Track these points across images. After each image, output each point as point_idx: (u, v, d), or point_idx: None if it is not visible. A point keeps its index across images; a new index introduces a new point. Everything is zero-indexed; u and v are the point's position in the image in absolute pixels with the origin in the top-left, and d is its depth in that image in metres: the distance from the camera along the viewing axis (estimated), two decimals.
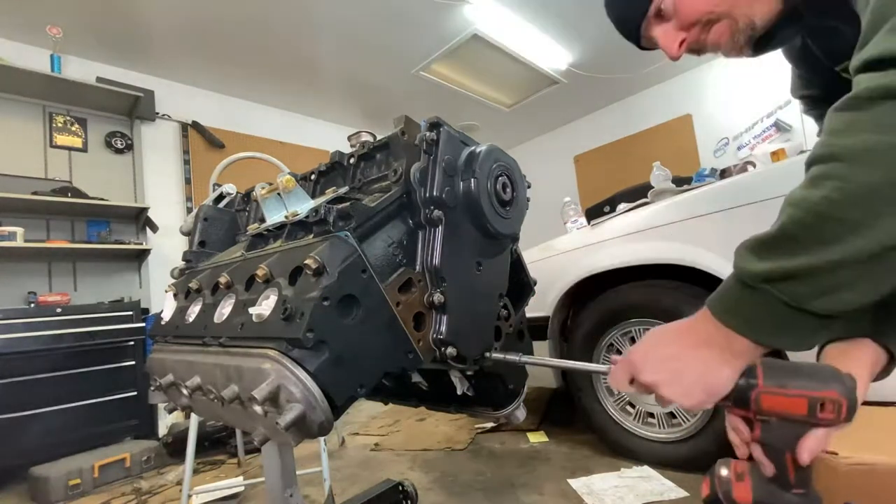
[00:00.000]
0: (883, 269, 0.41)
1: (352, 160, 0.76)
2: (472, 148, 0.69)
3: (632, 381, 0.56)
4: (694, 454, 1.50)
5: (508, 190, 0.70)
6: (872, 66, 0.43)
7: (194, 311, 0.71)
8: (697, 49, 0.78)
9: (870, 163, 0.40)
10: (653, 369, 0.53)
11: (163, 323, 0.77)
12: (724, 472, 0.57)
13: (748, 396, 0.51)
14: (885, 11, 0.44)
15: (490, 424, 2.31)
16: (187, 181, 3.63)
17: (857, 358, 0.55)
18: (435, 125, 0.64)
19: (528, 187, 0.77)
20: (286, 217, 0.65)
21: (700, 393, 0.51)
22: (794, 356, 0.82)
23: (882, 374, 0.58)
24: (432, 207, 0.63)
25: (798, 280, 0.43)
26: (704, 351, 0.50)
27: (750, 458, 0.54)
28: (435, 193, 0.62)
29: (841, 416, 0.48)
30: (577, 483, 1.55)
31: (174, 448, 2.41)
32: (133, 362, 2.58)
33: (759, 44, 0.73)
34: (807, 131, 3.70)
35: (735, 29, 0.71)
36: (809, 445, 0.48)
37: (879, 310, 0.55)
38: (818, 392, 0.48)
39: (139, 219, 3.17)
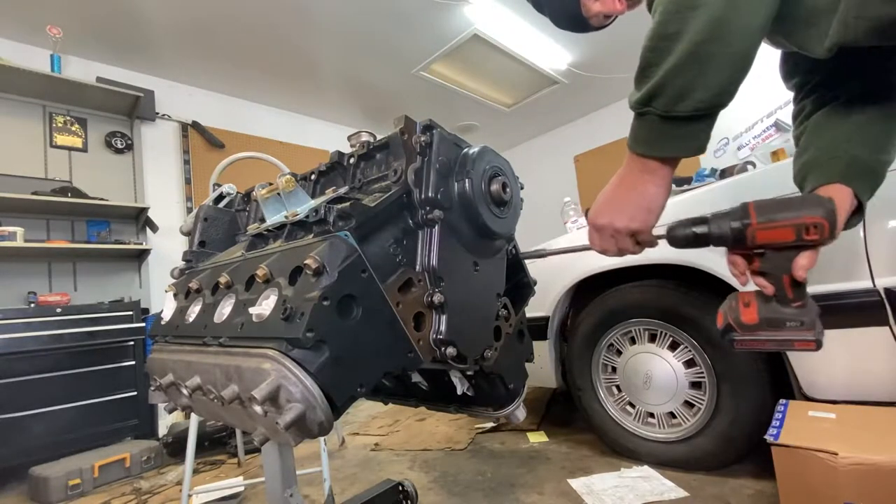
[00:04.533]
0: (705, 62, 0.53)
1: (352, 160, 0.76)
2: (465, 149, 0.69)
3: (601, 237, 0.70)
4: (694, 454, 1.50)
5: (502, 190, 0.71)
6: None
7: (194, 311, 0.71)
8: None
9: None
10: (603, 214, 0.67)
11: (163, 323, 0.77)
12: (734, 302, 0.67)
13: (744, 235, 0.60)
14: None
15: (490, 424, 2.31)
16: (187, 181, 3.63)
17: (834, 195, 0.65)
18: (428, 127, 0.65)
19: (522, 188, 0.78)
20: (286, 217, 0.66)
21: (642, 213, 0.64)
22: None
23: (853, 218, 0.69)
24: (428, 208, 0.63)
25: (660, 94, 0.55)
26: (631, 180, 0.64)
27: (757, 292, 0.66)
28: (430, 194, 0.63)
29: (825, 235, 0.56)
30: (577, 483, 1.55)
31: (174, 448, 2.41)
32: (133, 362, 2.58)
33: None
34: None
35: None
36: (802, 263, 0.59)
37: (850, 164, 0.67)
38: (802, 219, 0.56)
39: (139, 219, 3.17)
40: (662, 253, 1.51)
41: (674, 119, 0.56)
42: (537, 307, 1.82)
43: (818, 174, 0.69)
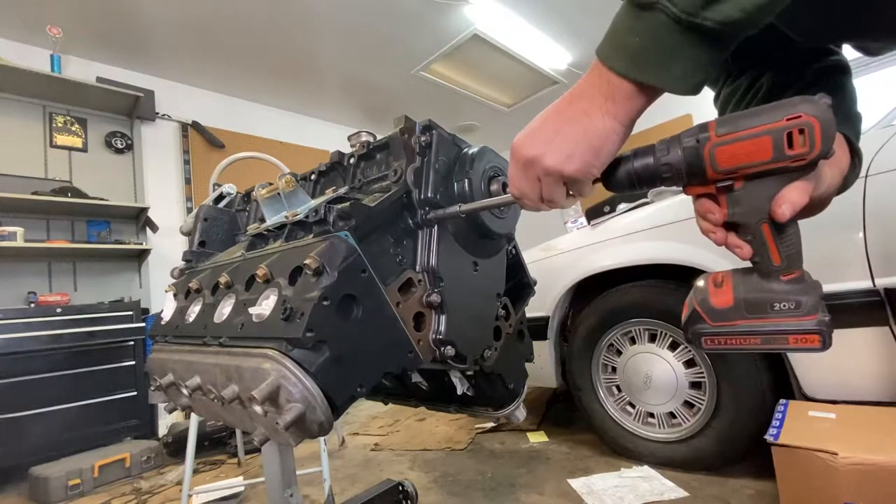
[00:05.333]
0: None
1: (352, 160, 0.76)
2: (465, 149, 0.69)
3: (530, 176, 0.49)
4: (694, 454, 1.50)
5: (502, 190, 0.70)
6: None
7: (194, 310, 0.71)
8: None
9: None
10: (533, 143, 0.47)
11: (163, 323, 0.77)
12: (700, 283, 0.51)
13: (701, 156, 0.41)
14: None
15: (490, 424, 2.32)
16: (187, 181, 3.63)
17: None
18: (427, 128, 0.65)
19: None
20: (286, 217, 0.65)
21: (585, 152, 0.45)
22: None
23: (851, 172, 0.55)
24: (427, 208, 0.63)
25: None
26: (584, 104, 0.45)
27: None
28: (429, 195, 0.63)
29: (815, 146, 0.38)
30: (577, 483, 1.55)
31: (174, 448, 2.41)
32: (133, 362, 2.58)
33: None
34: None
35: None
36: (789, 196, 0.41)
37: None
38: (780, 121, 0.38)
39: (139, 219, 3.17)
40: (661, 253, 1.51)
41: (692, 29, 0.38)
42: (537, 307, 1.82)
43: None
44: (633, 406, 1.67)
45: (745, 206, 0.43)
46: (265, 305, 0.55)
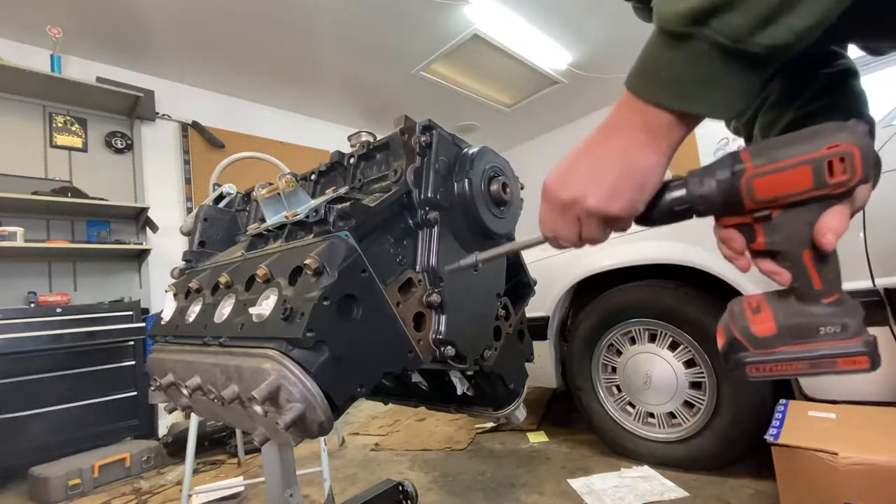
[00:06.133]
0: None
1: (352, 160, 0.77)
2: (465, 149, 0.69)
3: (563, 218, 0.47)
4: (694, 454, 1.50)
5: (502, 190, 0.71)
6: None
7: (194, 310, 0.71)
8: None
9: None
10: (572, 184, 0.45)
11: (163, 323, 0.77)
12: (737, 308, 0.48)
13: (737, 188, 0.40)
14: None
15: (490, 424, 2.31)
16: (187, 181, 3.63)
17: None
18: (427, 128, 0.65)
19: (522, 188, 0.78)
20: (286, 217, 0.66)
21: (630, 189, 0.43)
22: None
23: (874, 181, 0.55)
24: (427, 208, 0.63)
25: (736, 6, 0.34)
26: (621, 140, 0.43)
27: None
28: (430, 195, 0.63)
29: (857, 174, 0.37)
30: (577, 483, 1.55)
31: (174, 448, 2.41)
32: (133, 362, 2.58)
33: None
34: None
35: None
36: (830, 224, 0.39)
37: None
38: (820, 150, 0.37)
39: (139, 219, 3.17)
40: (661, 253, 1.51)
41: (737, 54, 0.36)
42: (537, 307, 1.82)
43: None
44: (633, 406, 1.67)
45: (783, 233, 0.42)
46: (265, 305, 0.55)
